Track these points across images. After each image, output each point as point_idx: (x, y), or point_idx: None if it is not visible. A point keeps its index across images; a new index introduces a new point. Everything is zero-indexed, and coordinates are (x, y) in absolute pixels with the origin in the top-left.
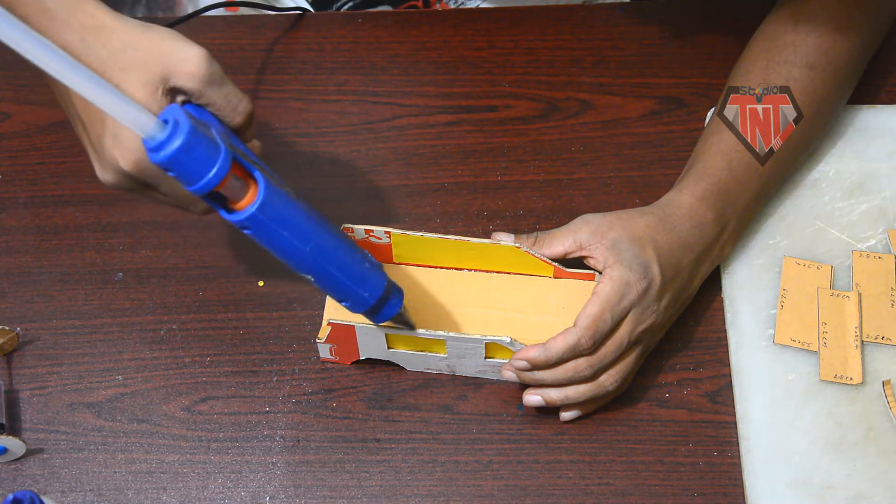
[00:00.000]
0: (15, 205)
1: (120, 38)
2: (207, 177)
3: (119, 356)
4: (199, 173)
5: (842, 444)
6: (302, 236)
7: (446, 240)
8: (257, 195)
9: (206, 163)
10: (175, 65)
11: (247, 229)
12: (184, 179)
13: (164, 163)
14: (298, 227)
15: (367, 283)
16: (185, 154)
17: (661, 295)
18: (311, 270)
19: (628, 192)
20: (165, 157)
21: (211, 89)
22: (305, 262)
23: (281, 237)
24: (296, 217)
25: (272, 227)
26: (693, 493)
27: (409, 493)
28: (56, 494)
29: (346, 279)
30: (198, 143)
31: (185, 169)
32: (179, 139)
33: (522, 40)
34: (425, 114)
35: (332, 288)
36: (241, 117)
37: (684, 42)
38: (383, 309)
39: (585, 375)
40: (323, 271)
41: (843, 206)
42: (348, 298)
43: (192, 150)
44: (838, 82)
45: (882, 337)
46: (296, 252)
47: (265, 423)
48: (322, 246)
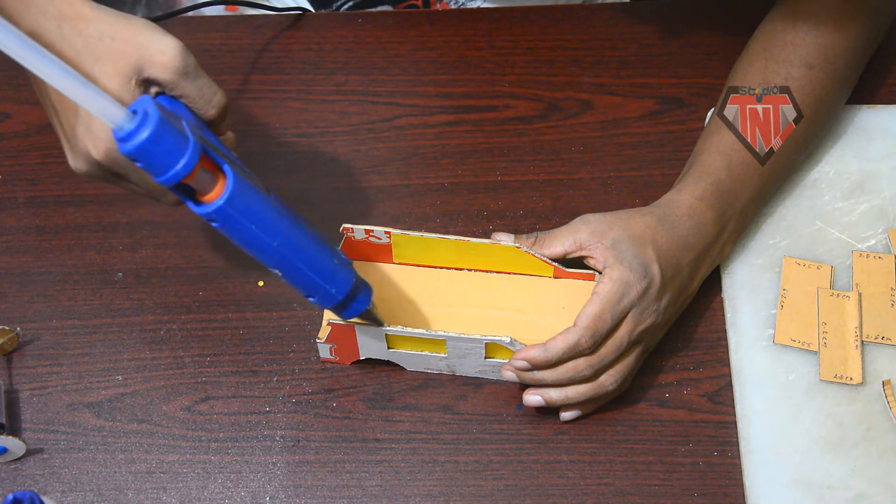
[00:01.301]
0: (15, 205)
1: (96, 28)
2: (175, 168)
3: (119, 356)
4: (166, 165)
5: (842, 444)
6: (270, 231)
7: (446, 240)
8: (225, 188)
9: (175, 154)
10: (150, 56)
11: (214, 222)
12: (151, 170)
13: (132, 153)
14: (266, 221)
15: (335, 279)
16: (153, 145)
17: (661, 295)
18: (278, 265)
19: (628, 192)
20: (133, 148)
21: (185, 81)
22: (273, 256)
23: (248, 231)
24: (264, 211)
25: (240, 221)
26: (693, 493)
27: (409, 493)
28: (56, 494)
29: (313, 275)
30: (166, 135)
31: (153, 160)
32: (147, 130)
33: (522, 40)
34: (425, 114)
35: (299, 283)
36: (214, 110)
37: (684, 42)
38: (351, 305)
39: (585, 375)
40: (291, 266)
41: (843, 206)
42: (315, 294)
43: (159, 142)
44: (837, 82)
45: (882, 337)
46: (263, 246)
47: (265, 423)
48: (290, 241)
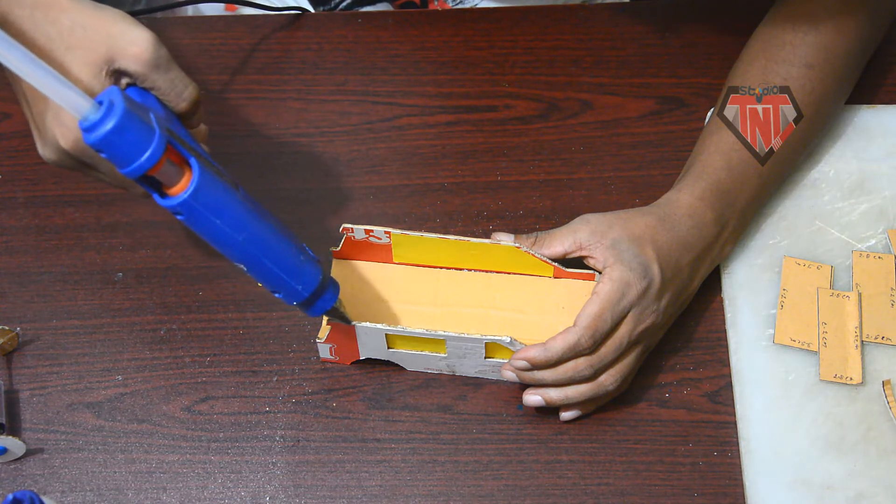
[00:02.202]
0: (15, 205)
1: (69, 17)
2: (140, 160)
3: (119, 356)
4: (131, 156)
5: (842, 444)
6: (235, 225)
7: (446, 240)
8: (191, 181)
9: (140, 146)
10: (121, 47)
11: (179, 214)
12: (116, 161)
13: (96, 144)
14: (232, 215)
15: (301, 275)
16: (118, 136)
17: (661, 294)
18: (243, 259)
19: (628, 192)
20: (97, 139)
21: (156, 73)
22: (238, 251)
23: (213, 224)
24: (230, 205)
25: (205, 214)
26: (693, 493)
27: (409, 493)
28: (56, 494)
29: (279, 270)
30: (131, 126)
31: (117, 151)
32: (112, 121)
33: (522, 40)
34: (425, 114)
35: (264, 278)
36: (185, 103)
37: (684, 42)
38: (317, 303)
39: (585, 375)
40: (256, 262)
41: (843, 206)
42: (281, 290)
43: (124, 133)
44: (837, 81)
45: (882, 337)
46: (228, 240)
47: (265, 423)
48: (256, 236)
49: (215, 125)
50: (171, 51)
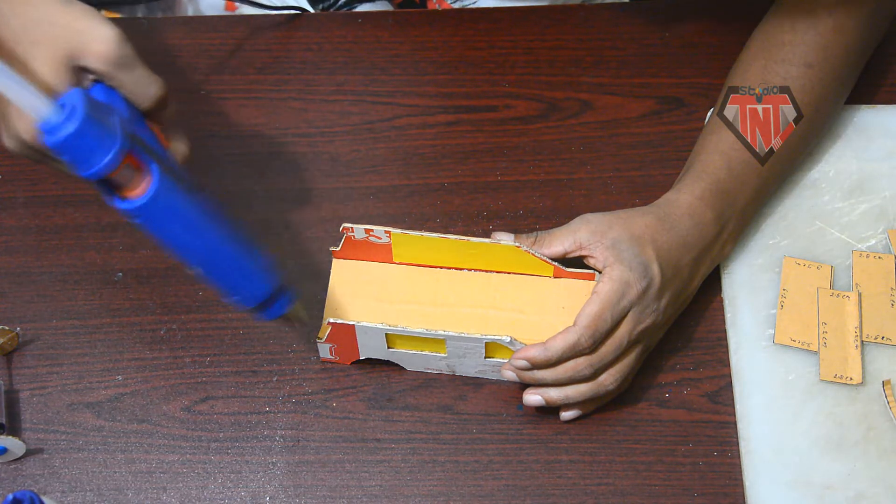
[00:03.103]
0: (15, 205)
1: (36, 12)
2: (98, 166)
3: (119, 356)
4: (90, 160)
5: (842, 444)
6: (191, 230)
7: (446, 239)
8: (150, 186)
9: (99, 151)
10: (85, 44)
11: (136, 218)
12: (75, 165)
13: (56, 147)
14: (188, 221)
15: (254, 280)
16: (77, 140)
17: (661, 294)
18: (199, 263)
19: (628, 192)
20: (57, 142)
21: (120, 72)
22: (193, 255)
23: (169, 230)
24: (187, 211)
25: (161, 219)
26: (693, 493)
27: (409, 493)
28: (56, 494)
29: (234, 275)
30: (90, 131)
31: (77, 155)
32: (72, 125)
33: (522, 40)
34: (425, 114)
35: (219, 282)
36: (149, 102)
37: (684, 42)
38: (272, 307)
39: (585, 375)
40: (211, 265)
41: (843, 206)
42: (236, 294)
43: (84, 137)
44: (837, 81)
45: (882, 337)
46: (184, 245)
47: (265, 423)
48: (211, 242)
49: (215, 125)
50: (170, 50)
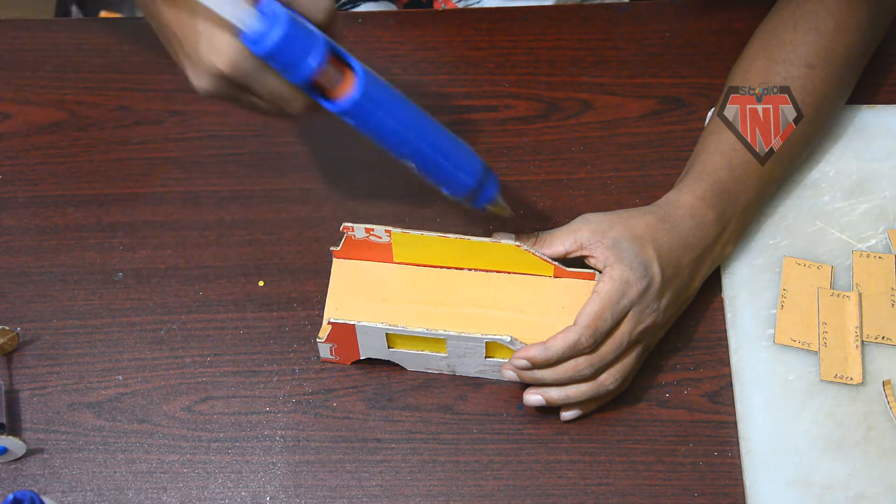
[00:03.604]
0: (15, 205)
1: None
2: (310, 67)
3: (119, 356)
4: (300, 61)
5: (842, 444)
6: (403, 121)
7: (447, 239)
8: (357, 82)
9: (306, 50)
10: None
11: (349, 116)
12: (285, 69)
13: (267, 53)
14: (398, 111)
15: (465, 165)
16: (286, 44)
17: (662, 294)
18: (413, 155)
19: (628, 192)
20: (267, 48)
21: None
22: (408, 146)
23: (384, 122)
24: (395, 102)
25: (375, 113)
26: (693, 493)
27: (409, 493)
28: (56, 494)
29: (446, 163)
30: (296, 32)
31: (287, 58)
32: (280, 29)
33: (523, 40)
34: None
35: (432, 172)
36: (322, 14)
37: (684, 42)
38: (482, 192)
39: (586, 374)
40: (425, 156)
41: (843, 206)
42: (448, 182)
43: (292, 39)
44: (838, 81)
45: (882, 337)
46: (398, 136)
47: (265, 423)
48: (423, 130)
49: (215, 125)
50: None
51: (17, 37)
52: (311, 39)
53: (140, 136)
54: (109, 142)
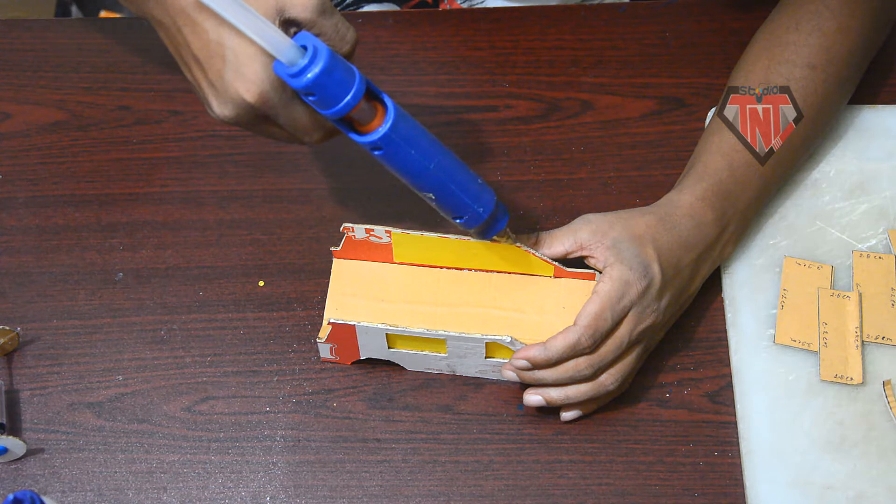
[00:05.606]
0: (15, 205)
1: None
2: (346, 99)
3: (119, 356)
4: (338, 96)
5: (842, 444)
6: (427, 155)
7: (447, 239)
8: (387, 116)
9: (345, 85)
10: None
11: (378, 150)
12: (323, 103)
13: (308, 87)
14: (423, 146)
15: (480, 199)
16: (327, 77)
17: (662, 294)
18: (433, 188)
19: (628, 192)
20: (309, 82)
21: (322, 19)
22: (430, 179)
23: (409, 156)
24: (421, 136)
25: (402, 147)
26: (693, 493)
27: (409, 493)
28: (56, 494)
29: (463, 195)
30: (337, 67)
31: (327, 92)
32: (321, 63)
33: (523, 40)
34: (425, 114)
35: (450, 204)
36: (348, 45)
37: (684, 42)
38: (493, 224)
39: (586, 374)
40: (444, 188)
41: (844, 206)
42: (465, 214)
43: (332, 73)
44: (839, 82)
45: (882, 337)
46: (421, 170)
47: (265, 423)
48: (443, 164)
49: (215, 125)
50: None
51: (17, 37)
52: (349, 74)
53: (140, 136)
54: (109, 142)
